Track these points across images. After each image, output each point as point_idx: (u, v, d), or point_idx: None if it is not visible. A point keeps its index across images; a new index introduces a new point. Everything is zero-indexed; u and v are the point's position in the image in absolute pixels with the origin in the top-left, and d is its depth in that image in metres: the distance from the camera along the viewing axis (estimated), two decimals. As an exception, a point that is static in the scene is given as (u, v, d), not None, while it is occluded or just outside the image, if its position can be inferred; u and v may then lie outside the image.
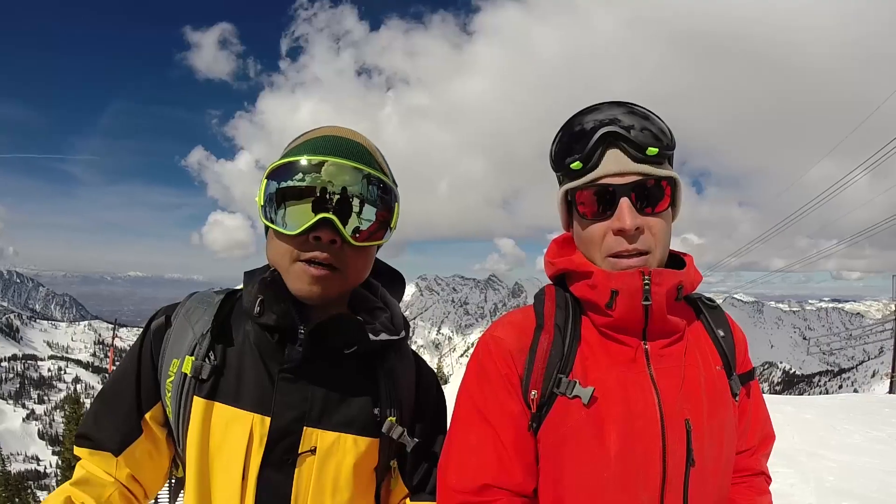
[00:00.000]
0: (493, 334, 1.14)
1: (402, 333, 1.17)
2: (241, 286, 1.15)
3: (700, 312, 1.20)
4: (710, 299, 1.23)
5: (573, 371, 1.06)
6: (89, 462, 1.11)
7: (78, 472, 1.11)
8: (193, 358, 1.05)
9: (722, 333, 1.17)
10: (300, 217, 0.99)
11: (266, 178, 1.02)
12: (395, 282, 1.31)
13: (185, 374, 1.05)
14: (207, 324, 1.09)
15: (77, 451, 1.13)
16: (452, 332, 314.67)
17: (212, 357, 1.06)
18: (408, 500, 1.19)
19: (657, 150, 1.02)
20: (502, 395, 1.08)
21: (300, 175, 1.00)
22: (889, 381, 20.53)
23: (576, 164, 1.05)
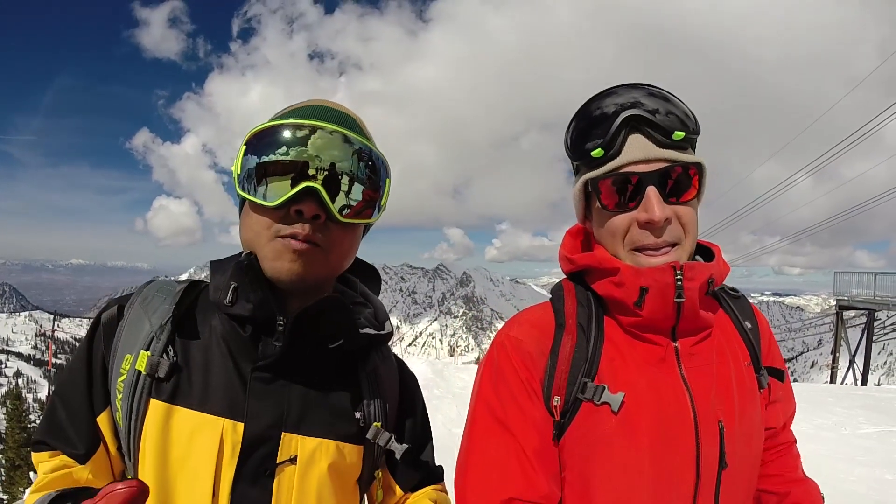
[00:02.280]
0: (510, 335, 1.06)
1: (389, 329, 1.09)
2: (195, 276, 0.95)
3: (724, 303, 1.14)
4: (732, 289, 1.17)
5: (599, 374, 1.00)
6: (52, 462, 0.97)
7: (43, 473, 0.96)
8: (149, 353, 0.93)
9: (749, 325, 1.12)
10: (281, 188, 0.90)
11: (245, 144, 0.92)
12: (371, 278, 1.20)
13: (139, 372, 0.92)
14: (167, 314, 0.97)
15: (36, 456, 0.99)
16: (400, 321, 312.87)
17: (171, 353, 0.94)
18: (407, 500, 1.12)
19: (684, 134, 0.97)
20: (523, 401, 1.01)
21: (283, 148, 0.90)
22: (830, 371, 21.58)
23: (597, 152, 0.98)
